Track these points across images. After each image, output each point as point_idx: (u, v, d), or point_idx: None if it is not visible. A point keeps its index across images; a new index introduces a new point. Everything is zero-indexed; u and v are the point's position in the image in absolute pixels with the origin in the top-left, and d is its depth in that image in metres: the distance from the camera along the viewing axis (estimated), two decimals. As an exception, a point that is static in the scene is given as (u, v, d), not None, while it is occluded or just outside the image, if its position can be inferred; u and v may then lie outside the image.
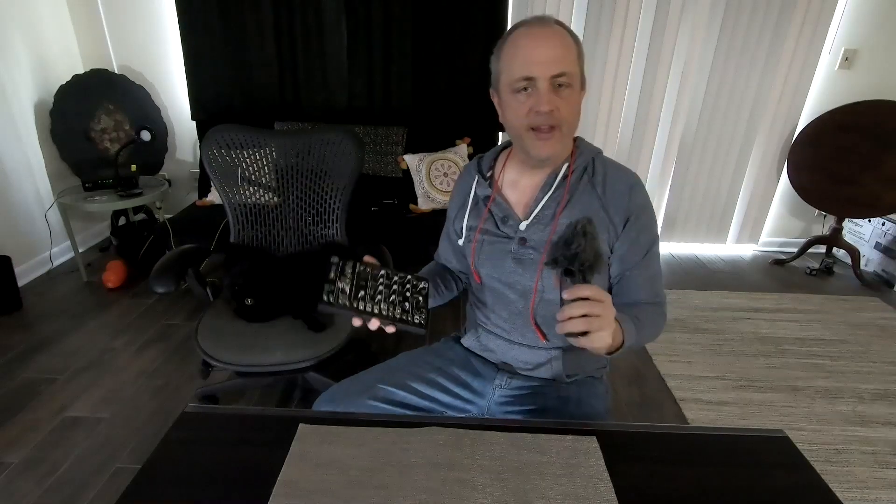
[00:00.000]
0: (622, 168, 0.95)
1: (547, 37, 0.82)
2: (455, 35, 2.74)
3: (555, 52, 0.81)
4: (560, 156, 0.91)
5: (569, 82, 0.83)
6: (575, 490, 0.66)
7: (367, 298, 0.77)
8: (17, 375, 1.88)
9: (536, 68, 0.81)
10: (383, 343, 2.16)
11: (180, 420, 0.78)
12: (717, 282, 2.83)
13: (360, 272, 0.79)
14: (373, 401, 0.97)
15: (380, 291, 0.79)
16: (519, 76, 0.83)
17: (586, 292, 0.68)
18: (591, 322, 0.68)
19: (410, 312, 0.80)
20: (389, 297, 0.79)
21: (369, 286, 0.79)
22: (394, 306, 0.79)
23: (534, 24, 0.84)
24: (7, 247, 2.45)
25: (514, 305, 0.97)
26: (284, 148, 1.66)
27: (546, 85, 0.82)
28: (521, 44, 0.83)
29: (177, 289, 1.36)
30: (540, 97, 0.82)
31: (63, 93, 2.65)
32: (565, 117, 0.84)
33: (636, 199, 0.91)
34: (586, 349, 0.71)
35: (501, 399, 1.03)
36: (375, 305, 0.77)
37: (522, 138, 0.88)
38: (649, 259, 0.94)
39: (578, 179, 0.92)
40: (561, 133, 0.86)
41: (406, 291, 0.81)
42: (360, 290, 0.78)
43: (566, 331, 0.69)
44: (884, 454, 1.60)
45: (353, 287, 0.77)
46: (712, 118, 2.94)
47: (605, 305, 0.69)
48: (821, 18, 2.68)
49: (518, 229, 0.94)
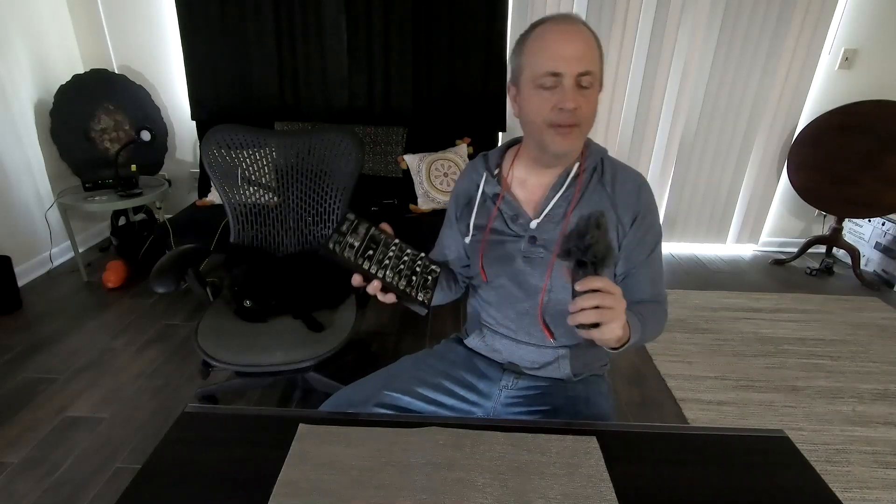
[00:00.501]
0: (629, 168, 0.96)
1: (575, 34, 0.82)
2: (455, 35, 2.74)
3: (582, 50, 0.81)
4: (575, 153, 0.91)
5: (592, 82, 0.83)
6: (575, 490, 0.66)
7: (374, 261, 0.75)
8: (17, 375, 1.88)
9: (563, 64, 0.81)
10: (383, 343, 2.16)
11: (180, 420, 0.78)
12: (717, 282, 2.83)
13: (373, 234, 0.77)
14: (378, 408, 0.95)
15: (389, 258, 0.77)
16: (545, 71, 0.82)
17: (598, 284, 0.68)
18: (603, 314, 0.68)
19: (415, 289, 0.77)
20: (397, 267, 0.77)
21: (379, 250, 0.77)
22: (399, 277, 0.76)
23: (561, 20, 0.84)
24: (7, 247, 2.45)
25: (522, 305, 0.97)
26: (284, 148, 1.66)
27: (571, 82, 0.81)
28: (550, 38, 0.83)
29: (177, 289, 1.36)
30: (565, 94, 0.81)
31: (63, 93, 2.65)
32: (586, 116, 0.85)
33: (644, 198, 0.92)
34: (595, 342, 0.71)
35: (508, 400, 1.02)
36: (381, 270, 0.75)
37: (542, 133, 0.87)
38: (653, 258, 0.95)
39: (589, 178, 0.93)
40: (580, 130, 0.86)
41: (416, 267, 0.79)
42: (369, 251, 0.76)
43: (578, 322, 0.69)
44: (884, 454, 1.60)
45: (362, 246, 0.75)
46: (712, 118, 2.94)
47: (617, 298, 0.70)
48: (821, 18, 2.68)
49: (528, 227, 0.94)
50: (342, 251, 0.73)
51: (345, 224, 0.75)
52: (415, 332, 2.24)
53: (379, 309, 2.42)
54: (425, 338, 2.21)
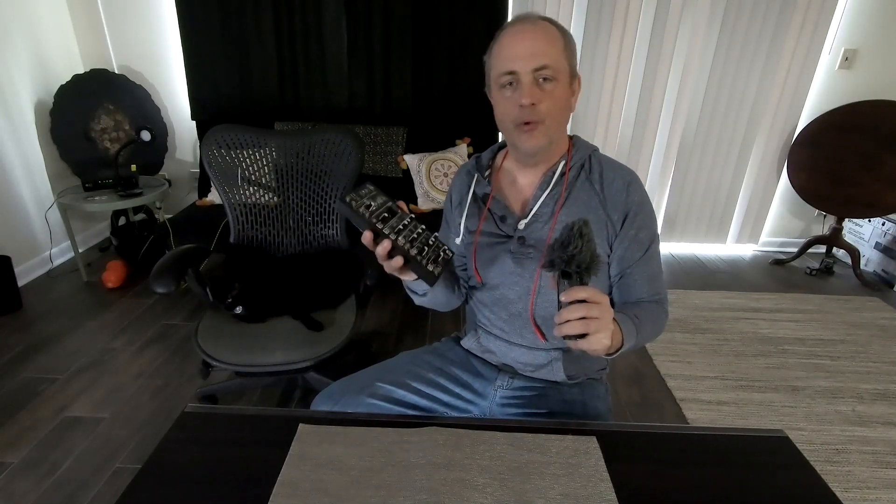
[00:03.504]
0: (619, 165, 0.95)
1: (528, 31, 0.84)
2: (455, 35, 2.74)
3: (536, 47, 0.82)
4: (546, 150, 0.91)
5: (552, 76, 0.83)
6: (575, 490, 0.66)
7: (388, 226, 0.73)
8: (17, 375, 1.88)
9: (517, 63, 0.83)
10: (383, 343, 2.16)
11: (180, 420, 0.78)
12: (717, 282, 2.83)
13: (390, 206, 0.75)
14: (372, 399, 0.96)
15: (403, 227, 0.75)
16: (502, 71, 0.85)
17: (583, 294, 0.68)
18: (589, 324, 0.68)
19: (426, 259, 0.75)
20: (410, 237, 0.75)
21: (394, 220, 0.75)
22: (412, 245, 0.74)
23: (518, 20, 0.86)
24: (7, 247, 2.45)
25: (514, 306, 0.97)
26: (284, 148, 1.66)
27: (528, 79, 0.83)
28: (505, 41, 0.85)
29: (177, 289, 1.36)
30: (522, 91, 0.83)
31: (63, 93, 2.65)
32: (549, 111, 0.85)
33: (634, 195, 0.91)
34: (585, 351, 0.70)
35: (503, 401, 1.02)
36: (394, 233, 0.73)
37: (510, 133, 0.89)
38: (649, 256, 0.93)
39: (576, 177, 0.93)
40: (545, 127, 0.86)
41: (429, 241, 0.78)
42: (384, 215, 0.74)
43: (564, 333, 0.69)
44: (884, 454, 1.60)
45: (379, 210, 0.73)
46: (712, 118, 2.94)
47: (603, 307, 0.69)
48: (821, 18, 2.68)
49: (517, 228, 0.93)
50: (357, 207, 0.71)
51: (363, 189, 0.74)
52: (415, 332, 2.24)
53: (379, 309, 2.42)
54: (425, 338, 2.21)
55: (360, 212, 0.71)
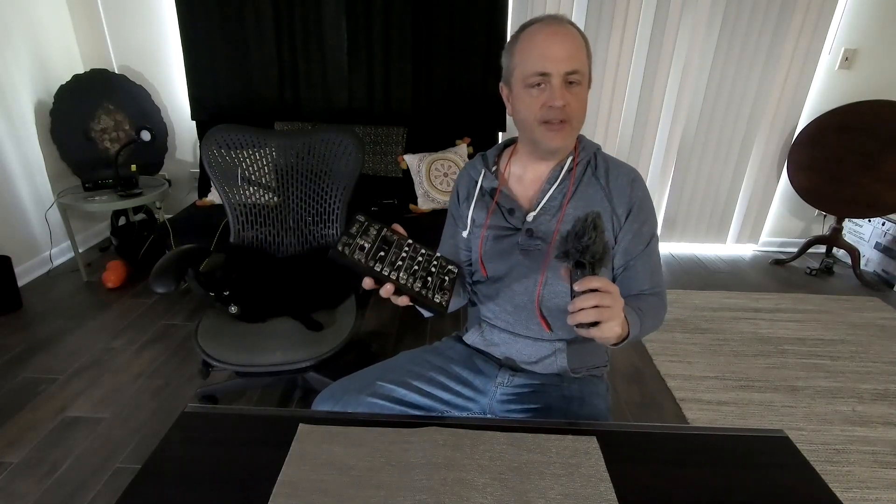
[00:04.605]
0: (622, 163, 0.99)
1: (562, 35, 0.86)
2: (455, 35, 2.74)
3: (569, 50, 0.85)
4: (567, 148, 0.95)
5: (579, 80, 0.87)
6: (575, 490, 0.66)
7: (387, 263, 0.71)
8: (17, 375, 1.88)
9: (551, 65, 0.85)
10: (383, 343, 2.16)
11: (180, 420, 0.78)
12: (717, 282, 2.83)
13: (385, 236, 0.73)
14: (373, 398, 0.97)
15: (402, 259, 0.73)
16: (534, 71, 0.86)
17: (596, 283, 0.70)
18: (602, 312, 0.70)
19: (432, 290, 0.74)
20: (412, 269, 0.73)
21: (392, 252, 0.73)
22: (414, 279, 0.73)
23: (550, 22, 0.88)
24: (7, 247, 2.45)
25: (520, 298, 0.99)
26: (284, 148, 1.66)
27: (559, 81, 0.85)
28: (538, 40, 0.86)
29: (177, 289, 1.36)
30: (554, 92, 0.86)
31: (63, 93, 2.65)
32: (576, 112, 0.88)
33: (637, 191, 0.95)
34: (593, 340, 0.73)
35: (503, 397, 1.03)
36: (394, 272, 0.71)
37: (533, 130, 0.91)
38: (650, 250, 0.97)
39: (583, 172, 0.96)
40: (571, 126, 0.89)
41: (431, 268, 0.76)
42: (381, 252, 0.72)
43: (577, 321, 0.71)
44: (884, 454, 1.60)
45: (373, 247, 0.71)
46: (712, 118, 2.94)
47: (614, 296, 0.72)
48: (821, 18, 2.68)
49: (525, 220, 0.96)
50: (351, 253, 0.70)
51: (354, 226, 0.72)
52: (415, 333, 2.24)
53: (379, 309, 2.42)
54: (426, 338, 2.21)
55: (356, 258, 0.70)
